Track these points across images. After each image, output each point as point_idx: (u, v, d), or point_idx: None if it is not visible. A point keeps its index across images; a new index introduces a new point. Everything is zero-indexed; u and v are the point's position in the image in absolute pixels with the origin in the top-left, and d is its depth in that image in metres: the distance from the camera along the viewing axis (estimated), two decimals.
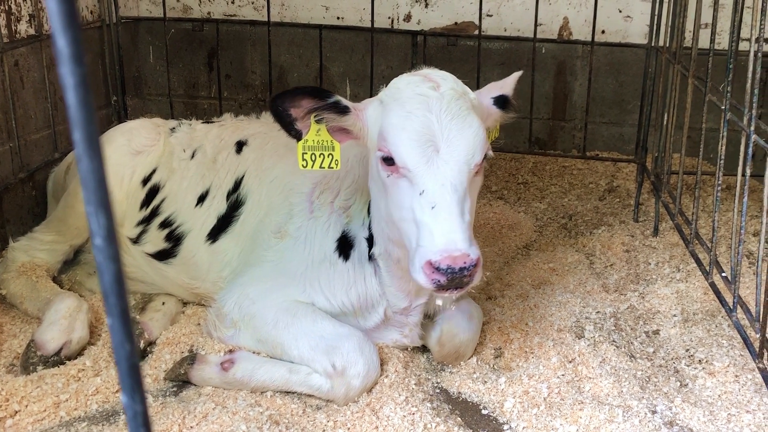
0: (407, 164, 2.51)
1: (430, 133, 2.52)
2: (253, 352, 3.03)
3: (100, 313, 3.39)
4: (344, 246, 3.03)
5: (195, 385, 2.98)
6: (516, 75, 2.96)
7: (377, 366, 2.88)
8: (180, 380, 3.01)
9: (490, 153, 2.63)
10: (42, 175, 4.19)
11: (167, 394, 2.94)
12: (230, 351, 3.02)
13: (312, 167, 2.72)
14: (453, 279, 2.37)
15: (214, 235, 3.40)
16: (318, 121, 2.68)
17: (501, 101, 2.87)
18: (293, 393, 2.92)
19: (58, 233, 3.65)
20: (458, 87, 2.68)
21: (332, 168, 2.74)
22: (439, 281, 2.38)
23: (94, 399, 2.86)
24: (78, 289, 3.65)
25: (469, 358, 3.16)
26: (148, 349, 3.23)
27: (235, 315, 3.07)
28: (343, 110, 2.68)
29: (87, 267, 3.77)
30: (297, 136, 2.70)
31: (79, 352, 3.14)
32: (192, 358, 2.99)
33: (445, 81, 2.67)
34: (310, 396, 2.90)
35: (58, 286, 3.53)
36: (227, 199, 3.44)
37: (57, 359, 3.04)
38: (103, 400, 2.87)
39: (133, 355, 0.57)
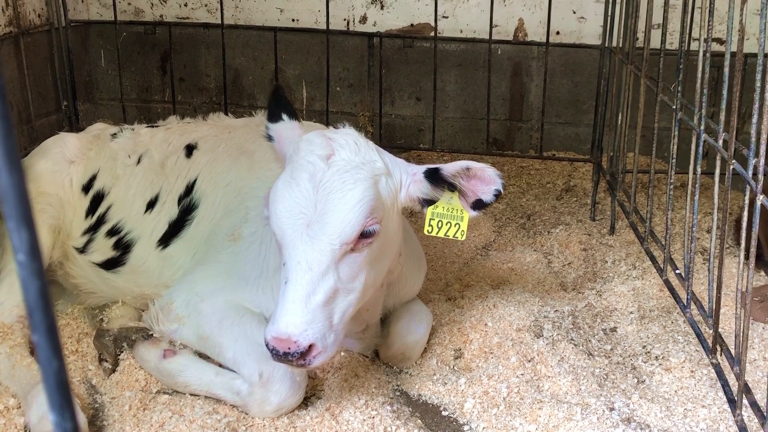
0: (276, 233, 2.53)
1: (304, 205, 2.47)
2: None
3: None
4: None
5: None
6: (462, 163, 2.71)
7: (300, 395, 2.79)
8: (124, 342, 3.06)
9: (376, 227, 2.50)
10: None
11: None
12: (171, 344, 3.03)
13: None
14: (283, 359, 2.40)
15: (166, 240, 3.33)
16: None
17: (431, 174, 2.69)
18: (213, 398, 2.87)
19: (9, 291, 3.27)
20: (357, 158, 2.56)
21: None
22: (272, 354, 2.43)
23: None
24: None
25: (415, 361, 3.15)
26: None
27: (181, 310, 3.02)
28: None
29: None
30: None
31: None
32: (147, 336, 3.04)
33: (343, 149, 2.57)
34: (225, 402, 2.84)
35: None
36: (179, 204, 3.37)
37: None
38: None
39: (61, 372, 0.54)
